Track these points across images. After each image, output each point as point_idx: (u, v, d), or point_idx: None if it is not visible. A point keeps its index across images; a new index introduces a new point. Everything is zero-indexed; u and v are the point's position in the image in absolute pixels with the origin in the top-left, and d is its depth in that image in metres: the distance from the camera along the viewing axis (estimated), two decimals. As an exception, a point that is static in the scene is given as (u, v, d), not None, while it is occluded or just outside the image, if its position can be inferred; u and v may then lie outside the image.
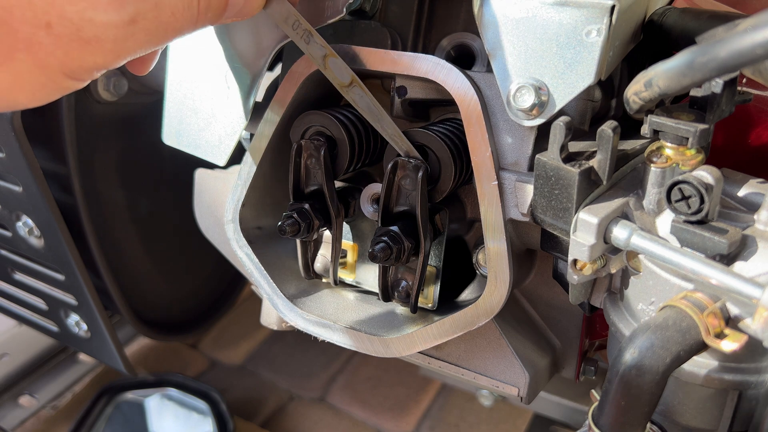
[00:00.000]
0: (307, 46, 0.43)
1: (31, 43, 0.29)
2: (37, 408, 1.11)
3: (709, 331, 0.34)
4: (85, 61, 0.31)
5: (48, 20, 0.29)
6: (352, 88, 0.44)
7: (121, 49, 0.32)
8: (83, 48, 0.31)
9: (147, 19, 0.32)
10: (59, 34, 0.30)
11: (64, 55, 0.30)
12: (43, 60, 0.30)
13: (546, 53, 0.39)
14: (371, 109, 0.44)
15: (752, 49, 0.31)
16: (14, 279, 0.89)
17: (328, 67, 0.44)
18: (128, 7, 0.31)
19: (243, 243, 0.54)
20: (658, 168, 0.39)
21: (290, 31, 0.42)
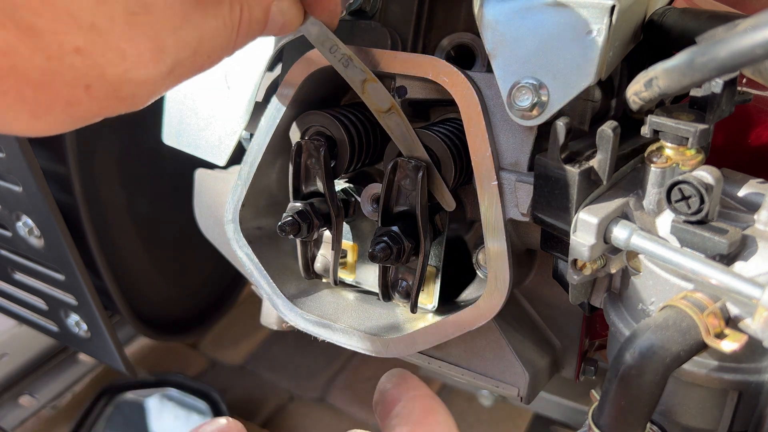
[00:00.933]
0: (345, 69, 0.42)
1: (69, 102, 0.29)
2: (37, 408, 1.11)
3: (709, 331, 0.34)
4: (116, 111, 0.32)
5: (88, 83, 0.29)
6: (389, 115, 0.43)
7: (152, 98, 0.32)
8: (119, 103, 0.31)
9: (184, 67, 0.32)
10: (97, 95, 0.30)
11: (99, 109, 0.31)
12: (77, 114, 0.30)
13: (546, 53, 0.39)
14: (405, 136, 0.43)
15: (752, 49, 0.31)
16: (14, 279, 0.89)
17: (367, 91, 0.43)
18: (168, 59, 0.31)
19: (243, 243, 0.54)
20: (658, 168, 0.39)
21: (328, 54, 0.41)
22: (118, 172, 0.87)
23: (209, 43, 0.33)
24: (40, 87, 0.28)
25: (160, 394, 1.06)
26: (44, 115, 0.29)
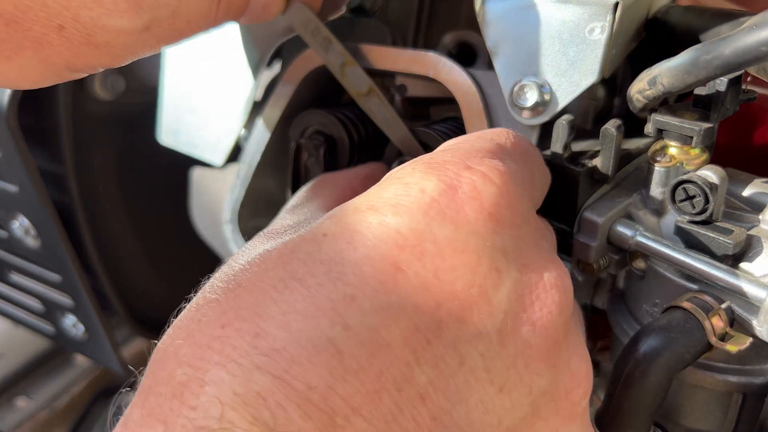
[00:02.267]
0: (326, 53, 0.42)
1: (40, 42, 0.29)
2: (33, 410, 1.10)
3: (714, 332, 0.33)
4: (91, 62, 0.31)
5: (61, 23, 0.29)
6: (369, 98, 0.43)
7: (128, 53, 0.32)
8: (91, 51, 0.30)
9: (161, 27, 0.32)
10: (70, 37, 0.29)
11: (71, 55, 0.30)
12: (50, 58, 0.30)
13: (548, 51, 0.39)
14: (388, 119, 0.44)
15: (757, 47, 0.31)
16: (10, 280, 0.88)
17: (346, 75, 0.43)
18: (144, 15, 0.31)
19: (241, 243, 0.54)
20: (662, 167, 0.38)
21: (308, 38, 0.42)
22: (115, 172, 0.86)
23: (189, 6, 0.33)
24: (12, 23, 0.28)
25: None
26: (15, 56, 0.29)
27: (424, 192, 0.27)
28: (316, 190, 0.40)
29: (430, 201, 0.27)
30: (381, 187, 0.29)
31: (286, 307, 0.24)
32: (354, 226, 0.26)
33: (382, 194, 0.28)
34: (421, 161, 0.29)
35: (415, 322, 0.25)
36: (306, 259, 0.26)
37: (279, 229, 0.33)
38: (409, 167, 0.29)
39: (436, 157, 0.29)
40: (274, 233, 0.32)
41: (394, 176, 0.29)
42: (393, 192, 0.28)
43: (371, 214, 0.27)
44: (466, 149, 0.30)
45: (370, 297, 0.24)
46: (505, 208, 0.28)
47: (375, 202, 0.27)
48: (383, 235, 0.26)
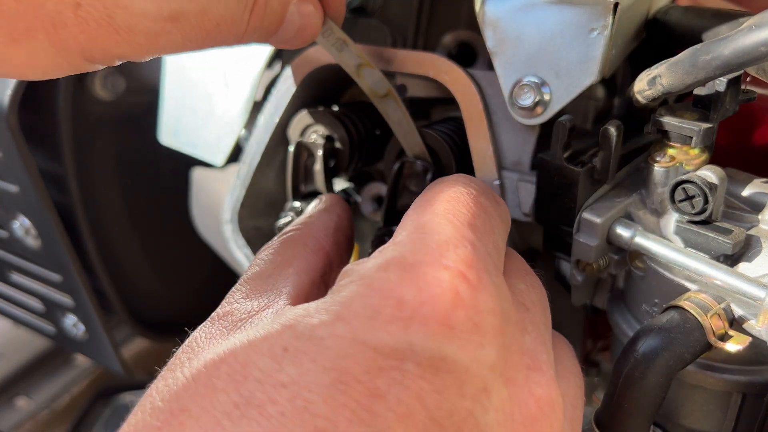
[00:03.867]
0: (339, 53, 0.41)
1: (54, 22, 0.26)
2: (33, 410, 1.10)
3: (713, 332, 0.33)
4: (110, 50, 0.28)
5: (78, 0, 0.26)
6: (386, 100, 0.42)
7: (151, 45, 0.29)
8: (111, 36, 0.27)
9: (189, 22, 0.29)
10: (87, 17, 0.26)
11: (88, 40, 0.27)
12: (64, 42, 0.27)
13: (548, 51, 0.39)
14: (402, 123, 0.43)
15: (756, 47, 0.31)
16: (10, 280, 0.88)
17: (362, 76, 0.41)
18: (171, 2, 0.28)
19: (242, 243, 0.54)
20: (662, 167, 0.38)
21: (321, 39, 0.40)
22: (116, 172, 0.86)
23: (220, 6, 0.30)
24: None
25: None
26: (24, 37, 0.26)
27: (403, 303, 0.24)
28: (283, 254, 0.34)
29: (410, 314, 0.24)
30: (348, 293, 0.25)
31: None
32: (322, 342, 0.23)
33: (352, 304, 0.24)
34: (394, 260, 0.25)
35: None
36: (264, 379, 0.22)
37: (234, 317, 0.29)
38: (378, 267, 0.25)
39: (407, 255, 0.26)
40: (227, 321, 0.29)
41: (362, 279, 0.25)
42: (366, 302, 0.24)
43: (342, 327, 0.23)
44: (441, 237, 0.27)
45: (345, 431, 0.21)
46: (490, 314, 0.25)
47: (345, 312, 0.24)
48: (358, 355, 0.23)
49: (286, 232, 0.36)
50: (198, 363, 0.25)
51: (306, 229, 0.36)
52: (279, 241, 0.35)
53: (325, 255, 0.35)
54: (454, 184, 0.32)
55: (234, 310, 0.30)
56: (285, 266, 0.33)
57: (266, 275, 0.32)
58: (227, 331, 0.28)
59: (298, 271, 0.33)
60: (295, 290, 0.31)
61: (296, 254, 0.34)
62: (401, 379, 0.23)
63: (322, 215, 0.38)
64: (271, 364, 0.23)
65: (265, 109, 0.51)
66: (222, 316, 0.30)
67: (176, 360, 0.27)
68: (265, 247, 0.35)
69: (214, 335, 0.28)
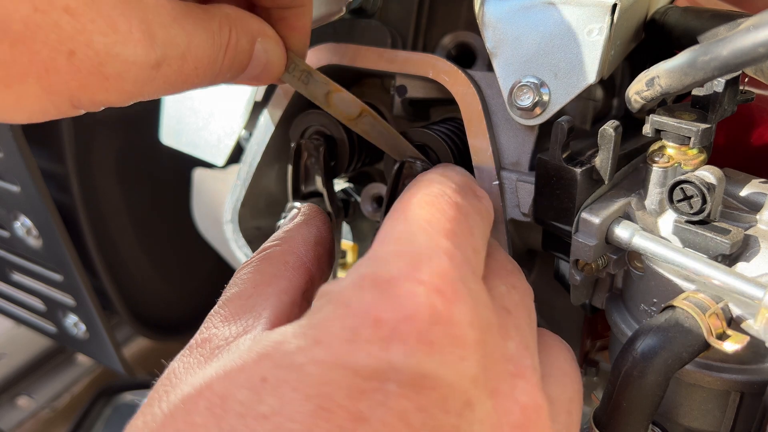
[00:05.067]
0: (306, 86, 0.40)
1: (47, 68, 0.27)
2: (35, 409, 1.11)
3: (712, 331, 0.33)
4: (98, 97, 0.29)
5: (72, 48, 0.27)
6: (362, 119, 0.41)
7: (137, 92, 0.30)
8: (100, 83, 0.28)
9: (171, 67, 0.30)
10: (80, 65, 0.27)
11: (78, 87, 0.28)
12: (55, 88, 0.28)
13: (547, 52, 0.39)
14: (383, 134, 0.42)
15: (754, 48, 0.31)
16: (12, 279, 0.89)
17: (332, 103, 0.41)
18: (157, 49, 0.29)
19: (242, 243, 0.54)
20: (660, 168, 0.38)
21: (286, 75, 0.39)
22: (117, 172, 0.87)
23: (197, 51, 0.31)
24: (19, 43, 0.26)
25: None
26: (16, 82, 0.27)
27: (380, 323, 0.23)
28: (263, 272, 0.33)
29: (389, 333, 0.23)
30: (325, 315, 0.25)
31: None
32: (301, 369, 0.23)
33: (330, 327, 0.24)
34: (368, 277, 0.25)
35: None
36: (245, 413, 0.22)
37: (211, 344, 0.29)
38: (353, 286, 0.25)
39: (381, 271, 0.25)
40: (205, 350, 0.28)
41: (338, 300, 0.25)
42: (342, 322, 0.24)
43: (321, 351, 0.23)
44: (414, 249, 0.26)
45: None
46: (468, 326, 0.25)
47: (323, 336, 0.24)
48: (339, 379, 0.22)
49: (266, 248, 0.35)
50: (175, 397, 0.24)
51: (286, 245, 0.35)
52: (258, 258, 0.34)
53: (306, 271, 0.34)
54: (430, 183, 0.31)
55: (212, 336, 0.29)
56: (265, 286, 0.32)
57: (245, 296, 0.32)
58: (205, 360, 0.27)
59: (278, 292, 0.32)
60: (275, 312, 0.30)
61: (276, 273, 0.33)
62: (384, 400, 0.22)
63: (302, 229, 0.37)
64: (250, 396, 0.23)
65: (266, 110, 0.51)
66: (200, 344, 0.29)
67: (155, 394, 0.26)
68: (245, 264, 0.34)
69: (192, 365, 0.27)
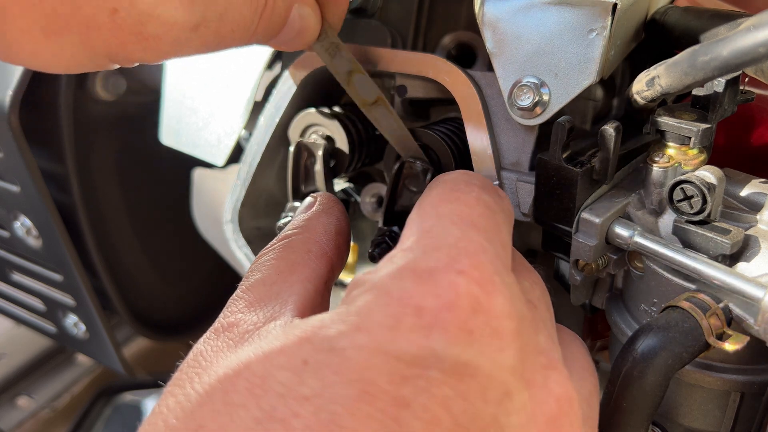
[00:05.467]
0: (332, 59, 0.40)
1: (89, 25, 0.27)
2: (35, 409, 1.11)
3: (712, 331, 0.33)
4: (135, 55, 0.29)
5: (115, 6, 0.27)
6: (376, 107, 0.41)
7: (173, 51, 0.30)
8: (139, 42, 0.29)
9: (209, 29, 0.31)
10: (121, 24, 0.27)
11: (117, 44, 0.28)
12: (95, 43, 0.28)
13: (547, 52, 0.39)
14: (393, 127, 0.42)
15: (754, 48, 0.31)
16: (12, 279, 0.89)
17: (352, 83, 0.41)
18: (197, 11, 0.29)
19: (242, 243, 0.54)
20: (660, 168, 0.38)
21: (315, 44, 0.39)
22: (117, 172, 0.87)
23: (235, 13, 0.31)
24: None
25: (159, 395, 1.05)
26: (57, 35, 0.27)
27: (422, 311, 0.24)
28: (286, 259, 0.33)
29: (431, 321, 0.24)
30: (365, 303, 0.25)
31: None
32: (343, 353, 0.23)
33: (371, 314, 0.24)
34: (407, 267, 0.25)
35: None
36: (285, 393, 0.22)
37: (239, 328, 0.29)
38: (393, 276, 0.25)
39: (419, 262, 0.26)
40: (233, 333, 0.28)
41: (378, 288, 0.25)
42: (384, 310, 0.24)
43: (363, 337, 0.23)
44: (450, 241, 0.27)
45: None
46: (507, 318, 0.25)
47: (364, 322, 0.24)
48: (381, 365, 0.23)
49: (288, 235, 0.35)
50: (210, 378, 0.24)
51: (308, 233, 0.35)
52: (281, 245, 0.34)
53: (328, 261, 0.34)
54: (455, 182, 0.32)
55: (239, 321, 0.29)
56: (288, 273, 0.32)
57: (269, 283, 0.32)
58: (234, 344, 0.27)
59: (303, 279, 0.32)
60: (301, 300, 0.30)
61: (300, 260, 0.33)
62: (426, 386, 0.23)
63: (322, 218, 0.37)
64: (291, 377, 0.23)
65: (266, 110, 0.51)
66: (227, 327, 0.29)
67: (183, 375, 0.26)
68: (266, 250, 0.34)
69: (221, 348, 0.27)
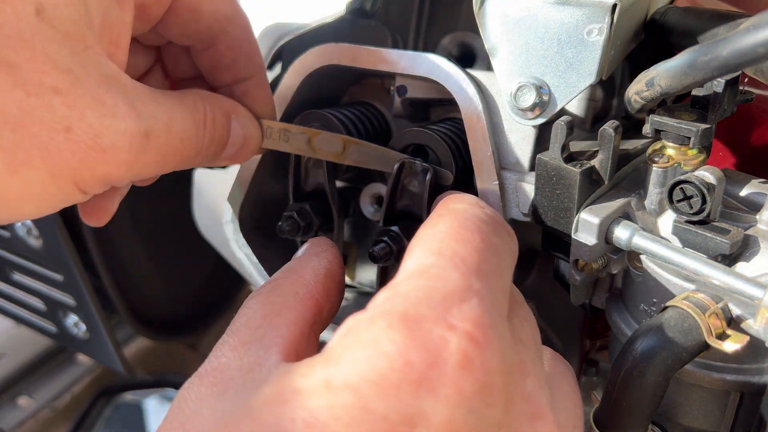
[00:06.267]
0: (288, 144, 0.42)
1: (48, 148, 0.28)
2: (35, 409, 1.11)
3: (711, 331, 0.33)
4: (98, 171, 0.30)
5: (68, 125, 0.28)
6: (348, 151, 0.43)
7: (133, 161, 0.31)
8: (99, 156, 0.30)
9: (159, 138, 0.32)
10: (77, 140, 0.29)
11: (79, 162, 0.29)
12: (58, 167, 0.29)
13: (547, 52, 0.39)
14: (372, 155, 0.43)
15: (754, 48, 0.31)
16: (12, 279, 0.89)
17: (315, 148, 0.42)
18: (143, 121, 0.31)
19: (242, 243, 0.54)
20: (660, 168, 0.38)
21: (266, 142, 0.41)
22: (117, 172, 0.87)
23: (180, 125, 0.34)
24: (19, 127, 0.27)
25: (159, 395, 1.05)
26: (22, 167, 0.28)
27: (410, 367, 0.23)
28: (272, 303, 0.33)
29: (419, 378, 0.23)
30: (353, 355, 0.24)
31: None
32: (330, 412, 0.23)
33: (357, 366, 0.24)
34: (396, 314, 0.25)
35: None
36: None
37: (224, 374, 0.28)
38: (382, 325, 0.25)
39: (410, 310, 0.25)
40: (217, 380, 0.28)
41: (366, 339, 0.25)
42: (371, 364, 0.24)
43: (350, 396, 0.23)
44: (447, 287, 0.26)
45: None
46: (497, 373, 0.25)
47: (351, 378, 0.23)
48: (369, 425, 0.22)
49: (275, 278, 0.35)
50: (192, 426, 0.25)
51: (296, 276, 0.35)
52: (268, 288, 0.34)
53: (315, 303, 0.34)
54: (466, 217, 0.31)
55: (223, 366, 0.29)
56: (274, 316, 0.32)
57: (254, 326, 0.31)
58: (219, 391, 0.27)
59: (288, 323, 0.32)
60: (286, 344, 0.30)
61: (285, 303, 0.33)
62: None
63: (312, 260, 0.37)
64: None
65: (266, 110, 0.51)
66: (211, 372, 0.29)
67: (168, 425, 0.26)
68: (253, 294, 0.34)
69: (205, 396, 0.27)
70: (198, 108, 0.36)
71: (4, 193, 0.29)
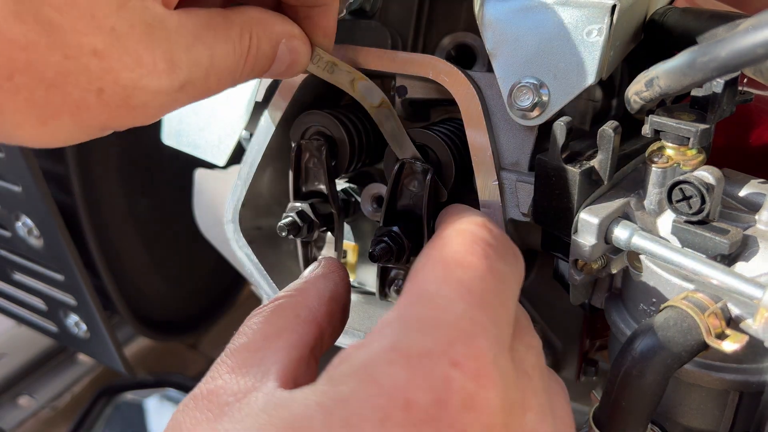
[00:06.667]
0: (332, 75, 0.42)
1: (79, 107, 0.28)
2: (36, 408, 1.11)
3: (710, 331, 0.34)
4: (125, 123, 0.31)
5: (101, 86, 0.28)
6: (380, 110, 0.44)
7: (162, 112, 0.32)
8: (128, 113, 0.30)
9: (194, 86, 0.32)
10: (108, 101, 0.29)
11: (107, 118, 0.30)
12: (87, 122, 0.29)
13: (546, 53, 0.39)
14: (394, 130, 0.44)
15: (753, 48, 0.31)
16: (13, 279, 0.89)
17: (357, 89, 0.43)
18: (181, 74, 0.31)
19: (243, 243, 0.54)
20: (659, 168, 0.38)
21: (311, 66, 0.41)
22: (118, 172, 0.87)
23: (219, 65, 0.33)
24: (53, 87, 0.27)
25: (159, 395, 1.06)
26: (51, 120, 0.28)
27: (412, 405, 0.23)
28: (273, 324, 0.32)
29: (421, 417, 0.23)
30: (353, 391, 0.24)
31: None
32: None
33: (359, 406, 0.23)
34: (398, 352, 0.25)
35: None
36: None
37: (219, 399, 0.28)
38: (383, 360, 0.24)
39: (413, 345, 0.25)
40: (212, 404, 0.28)
41: (366, 374, 0.24)
42: (372, 403, 0.23)
43: (346, 431, 0.23)
44: (450, 319, 0.26)
45: None
46: (498, 412, 0.25)
47: (352, 417, 0.23)
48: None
49: (279, 297, 0.35)
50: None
51: (299, 297, 0.34)
52: (271, 308, 0.34)
53: (317, 327, 0.33)
54: (473, 240, 0.31)
55: (219, 389, 0.29)
56: (274, 338, 0.31)
57: (253, 349, 0.31)
58: (214, 416, 0.27)
59: (287, 346, 0.31)
60: (284, 369, 0.30)
61: (287, 326, 0.32)
62: None
63: (318, 282, 0.36)
64: None
65: (267, 110, 0.51)
66: (206, 395, 0.28)
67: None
68: (255, 313, 0.34)
69: (200, 422, 0.27)
70: (243, 40, 0.34)
71: (35, 135, 0.29)
